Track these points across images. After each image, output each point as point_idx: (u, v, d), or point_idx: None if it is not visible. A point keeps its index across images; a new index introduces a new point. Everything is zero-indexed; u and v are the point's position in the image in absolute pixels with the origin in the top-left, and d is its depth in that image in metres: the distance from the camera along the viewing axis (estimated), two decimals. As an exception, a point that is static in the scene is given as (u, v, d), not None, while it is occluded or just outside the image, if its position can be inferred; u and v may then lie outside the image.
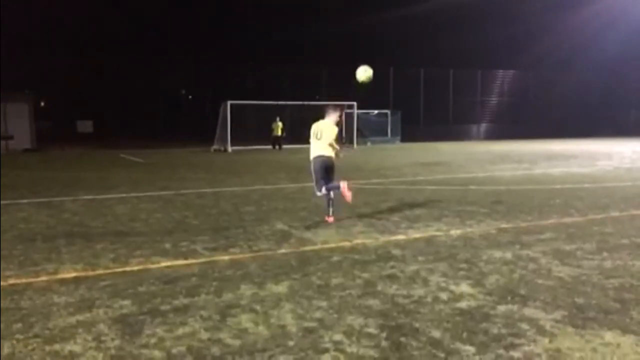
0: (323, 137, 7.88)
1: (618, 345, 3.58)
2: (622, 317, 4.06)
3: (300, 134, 28.20)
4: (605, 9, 43.34)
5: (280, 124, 28.18)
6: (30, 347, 3.59)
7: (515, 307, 4.28)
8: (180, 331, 3.86)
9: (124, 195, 10.98)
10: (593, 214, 8.29)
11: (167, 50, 41.63)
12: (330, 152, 7.88)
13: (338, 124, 8.21)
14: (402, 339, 3.69)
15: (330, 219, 7.89)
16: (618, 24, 43.09)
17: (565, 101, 43.54)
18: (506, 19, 46.31)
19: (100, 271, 5.39)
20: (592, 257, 5.77)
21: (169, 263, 5.67)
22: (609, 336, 3.71)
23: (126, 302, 4.46)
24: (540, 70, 44.12)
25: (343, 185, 7.72)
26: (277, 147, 27.89)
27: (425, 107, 40.51)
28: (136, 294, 4.66)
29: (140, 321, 4.05)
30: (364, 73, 8.24)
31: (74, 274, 5.27)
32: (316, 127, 8.02)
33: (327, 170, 7.93)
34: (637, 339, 3.66)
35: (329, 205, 7.97)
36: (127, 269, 5.47)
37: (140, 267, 5.54)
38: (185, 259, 5.84)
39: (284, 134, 28.42)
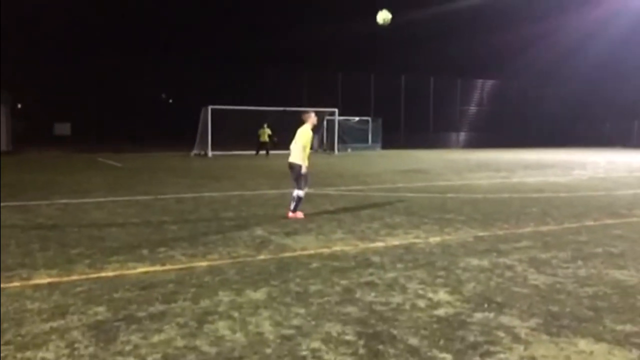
0: (296, 142, 8.49)
1: (591, 352, 3.64)
2: (596, 325, 4.12)
3: (282, 140, 28.25)
4: (584, 23, 44.26)
5: (267, 130, 28.10)
6: (2, 354, 3.51)
7: (491, 315, 4.32)
8: (156, 338, 3.81)
9: (101, 199, 10.83)
10: (568, 223, 8.42)
11: (147, 53, 41.35)
12: (296, 159, 8.47)
13: (314, 129, 8.78)
14: (380, 347, 3.69)
15: (289, 214, 8.55)
16: (595, 38, 44.03)
17: (542, 111, 44.33)
18: (487, 30, 46.97)
19: (75, 277, 5.30)
20: (567, 265, 5.86)
21: (145, 269, 5.61)
22: (583, 344, 3.77)
23: (101, 309, 4.39)
24: (519, 81, 44.85)
25: (293, 215, 8.50)
26: (264, 152, 27.77)
27: (405, 114, 40.87)
28: (111, 300, 4.60)
29: (115, 328, 3.99)
30: (382, 15, 9.37)
31: (48, 280, 5.18)
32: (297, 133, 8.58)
33: (293, 175, 8.64)
34: (610, 347, 3.72)
35: (291, 200, 8.62)
36: (103, 274, 5.40)
37: (116, 272, 5.47)
38: (163, 264, 5.77)
39: (275, 139, 28.34)
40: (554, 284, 5.18)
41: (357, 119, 35.44)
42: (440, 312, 4.38)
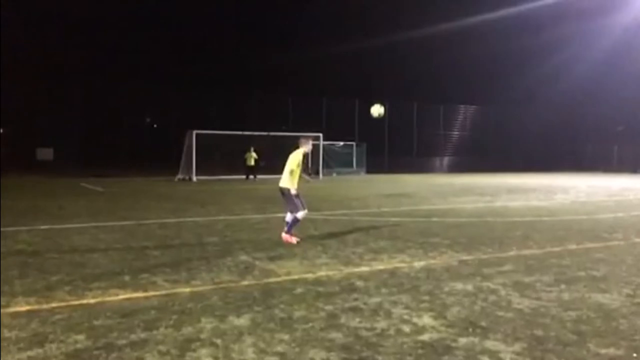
0: (286, 166, 8.55)
1: (575, 377, 3.63)
2: (580, 348, 4.13)
3: (268, 164, 28.29)
4: (566, 46, 45.35)
5: (254, 154, 28.11)
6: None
7: (476, 340, 4.31)
8: (137, 367, 3.74)
9: (83, 225, 10.69)
10: (551, 247, 8.49)
11: (130, 77, 41.37)
12: (285, 183, 8.52)
13: (305, 154, 8.79)
14: (365, 373, 3.65)
15: (283, 235, 8.58)
16: (578, 61, 45.08)
17: (524, 136, 45.00)
18: (469, 56, 47.93)
19: (54, 304, 5.19)
20: (550, 289, 5.89)
21: (127, 295, 5.52)
22: (567, 368, 3.77)
23: (80, 337, 4.29)
24: (501, 106, 45.58)
25: (286, 237, 8.49)
26: (251, 177, 27.73)
27: (390, 139, 41.21)
28: (91, 328, 4.50)
29: (95, 356, 3.91)
30: (377, 109, 9.73)
31: (26, 307, 5.06)
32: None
33: (284, 199, 8.67)
34: (594, 371, 3.73)
35: (285, 224, 8.65)
36: (83, 301, 5.30)
37: (97, 299, 5.37)
38: (145, 291, 5.69)
39: (262, 164, 28.33)
40: (538, 307, 5.20)
41: (341, 143, 35.65)
42: (425, 337, 4.36)
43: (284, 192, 8.55)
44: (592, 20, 42.08)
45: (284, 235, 8.52)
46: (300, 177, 8.69)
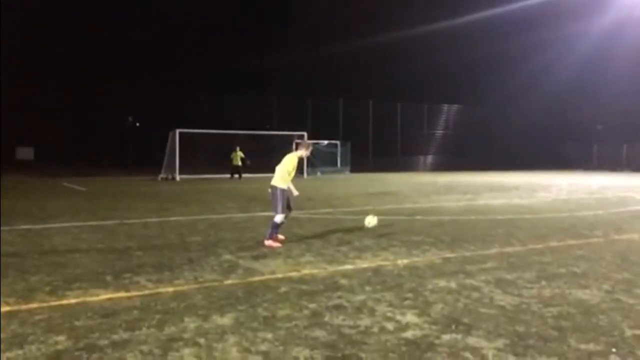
0: (281, 166, 8.44)
1: (556, 372, 3.68)
2: (560, 344, 4.19)
3: (253, 163, 28.20)
4: (549, 46, 45.90)
5: (240, 154, 27.98)
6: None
7: (459, 336, 4.34)
8: (119, 367, 3.70)
9: (64, 224, 10.56)
10: (533, 244, 8.58)
11: (113, 76, 40.92)
12: (276, 182, 8.38)
13: (301, 158, 8.84)
14: (348, 371, 3.66)
15: (267, 242, 8.30)
16: (559, 63, 45.69)
17: (507, 135, 45.48)
18: (453, 56, 48.27)
19: (34, 305, 5.12)
20: (531, 285, 5.95)
21: (109, 295, 5.46)
22: (548, 363, 3.81)
23: (61, 338, 4.24)
24: (484, 106, 46.02)
25: (268, 242, 8.27)
26: (236, 176, 27.60)
27: (374, 138, 41.36)
28: (72, 329, 4.45)
29: (76, 357, 3.86)
30: (371, 221, 9.85)
31: (6, 308, 4.98)
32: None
33: (271, 198, 8.48)
34: (574, 366, 3.78)
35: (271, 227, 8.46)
36: (64, 302, 5.23)
37: (78, 300, 5.31)
38: (127, 291, 5.64)
39: (248, 162, 28.22)
40: (520, 304, 5.25)
41: (326, 142, 35.68)
42: (409, 334, 4.39)
43: (273, 191, 8.35)
44: (573, 22, 42.67)
45: (266, 242, 8.23)
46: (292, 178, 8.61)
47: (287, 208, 8.44)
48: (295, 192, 8.54)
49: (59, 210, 12.98)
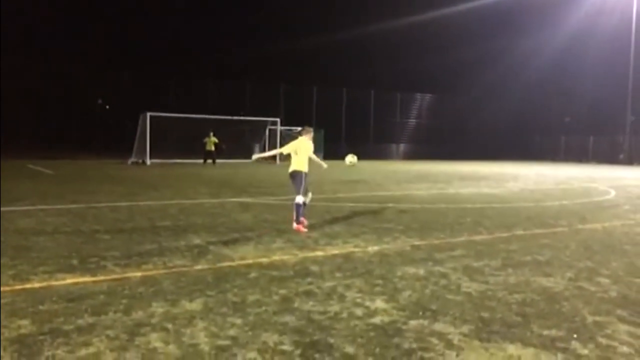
0: (302, 153, 8.79)
1: (519, 357, 3.77)
2: (524, 330, 4.29)
3: (228, 148, 27.93)
4: (523, 40, 46.53)
5: (214, 139, 27.64)
6: None
7: (426, 322, 4.40)
8: (83, 352, 3.65)
9: (30, 207, 10.32)
10: (500, 232, 8.75)
11: (83, 56, 39.94)
12: (301, 167, 8.79)
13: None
14: (316, 355, 3.69)
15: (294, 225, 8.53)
16: (529, 57, 46.41)
17: (478, 126, 46.10)
18: (427, 47, 48.53)
19: (-3, 289, 5.00)
20: (497, 273, 6.07)
21: (75, 280, 5.37)
22: (512, 349, 3.90)
23: (25, 322, 4.16)
24: (456, 96, 46.49)
25: (297, 227, 8.50)
26: (210, 161, 27.29)
27: (346, 126, 41.42)
28: (36, 313, 4.37)
29: (40, 342, 3.79)
30: (351, 160, 10.20)
31: (-34, 292, 4.86)
32: (298, 144, 8.86)
33: (295, 182, 8.84)
34: (537, 351, 3.88)
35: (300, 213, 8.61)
36: (28, 286, 5.12)
37: (43, 284, 5.20)
38: (94, 275, 5.55)
39: (224, 147, 27.93)
40: (486, 291, 5.36)
41: (299, 129, 35.51)
42: (377, 320, 4.43)
43: (297, 175, 8.69)
44: (545, 17, 43.39)
45: (295, 226, 8.45)
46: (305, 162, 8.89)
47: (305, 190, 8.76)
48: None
49: (24, 193, 12.67)
